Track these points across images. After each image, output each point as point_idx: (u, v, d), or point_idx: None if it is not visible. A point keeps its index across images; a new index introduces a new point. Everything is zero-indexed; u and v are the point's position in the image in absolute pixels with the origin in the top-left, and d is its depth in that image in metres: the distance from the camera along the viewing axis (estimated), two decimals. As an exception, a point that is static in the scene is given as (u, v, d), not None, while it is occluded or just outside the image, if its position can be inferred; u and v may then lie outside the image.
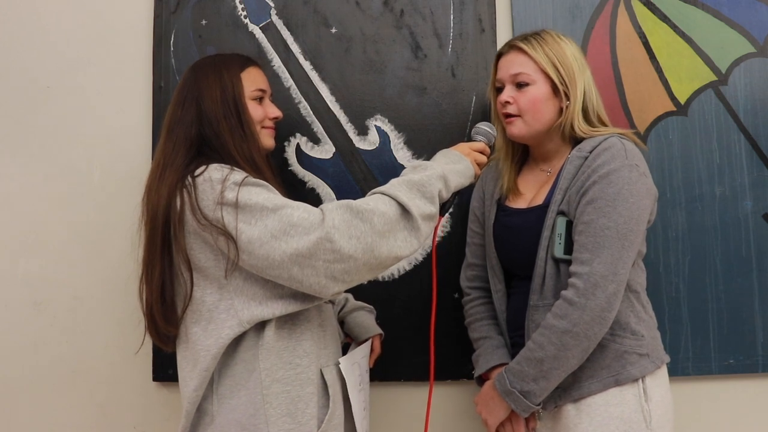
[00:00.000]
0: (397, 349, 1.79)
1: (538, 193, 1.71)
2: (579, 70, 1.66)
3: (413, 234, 1.43)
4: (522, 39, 1.69)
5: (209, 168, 1.47)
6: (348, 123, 2.01)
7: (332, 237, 1.36)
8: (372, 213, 1.39)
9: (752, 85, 2.01)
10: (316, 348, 1.53)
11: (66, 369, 1.98)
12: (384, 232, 1.39)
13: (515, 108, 1.67)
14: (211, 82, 1.57)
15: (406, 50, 2.02)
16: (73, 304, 1.99)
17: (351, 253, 1.37)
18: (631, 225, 1.55)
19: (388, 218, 1.40)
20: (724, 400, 1.97)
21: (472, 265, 1.85)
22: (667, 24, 2.02)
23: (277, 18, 2.03)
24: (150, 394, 1.95)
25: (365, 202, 1.41)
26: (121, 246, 1.95)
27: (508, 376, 1.59)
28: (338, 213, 1.39)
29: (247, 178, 1.45)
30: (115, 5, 2.06)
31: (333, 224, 1.37)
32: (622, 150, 1.60)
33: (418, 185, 1.46)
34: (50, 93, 2.03)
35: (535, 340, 1.57)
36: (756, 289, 1.96)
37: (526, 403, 1.57)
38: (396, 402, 1.97)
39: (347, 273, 1.39)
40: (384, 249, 1.39)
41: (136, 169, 2.00)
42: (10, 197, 2.01)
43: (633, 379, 1.58)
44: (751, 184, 1.98)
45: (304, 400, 1.47)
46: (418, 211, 1.43)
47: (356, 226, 1.38)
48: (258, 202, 1.41)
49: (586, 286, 1.52)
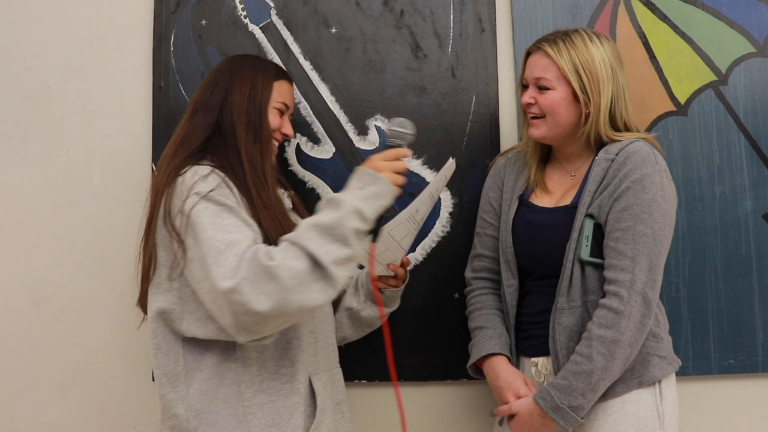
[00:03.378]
0: (397, 349, 1.78)
1: (566, 193, 1.71)
2: (607, 77, 1.63)
3: (328, 283, 1.35)
4: (550, 40, 1.67)
5: (191, 170, 1.47)
6: (348, 123, 2.01)
7: (242, 290, 1.30)
8: (278, 269, 1.31)
9: (752, 85, 2.00)
10: (305, 356, 1.51)
11: (66, 369, 1.98)
12: (294, 287, 1.31)
13: (537, 109, 1.67)
14: (246, 78, 1.61)
15: (406, 50, 2.02)
16: (73, 304, 1.99)
17: (259, 309, 1.30)
18: (665, 231, 1.58)
19: (297, 272, 1.31)
20: (724, 400, 1.97)
21: (480, 256, 1.82)
22: (667, 24, 2.02)
23: (277, 18, 2.03)
24: (150, 394, 1.95)
25: (271, 257, 1.33)
26: (121, 246, 1.95)
27: (554, 393, 1.55)
28: (251, 266, 1.32)
29: (211, 192, 1.42)
30: (115, 5, 2.05)
31: (245, 276, 1.31)
32: (651, 154, 1.61)
33: (328, 230, 1.35)
34: (50, 93, 2.03)
35: (581, 353, 1.55)
36: (756, 289, 1.96)
37: (575, 418, 1.54)
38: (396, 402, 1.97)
39: (256, 325, 1.33)
40: (295, 304, 1.32)
41: (136, 168, 2.00)
42: (9, 197, 2.01)
43: (654, 381, 1.59)
44: (751, 184, 1.98)
45: (289, 410, 1.46)
46: (329, 259, 1.33)
47: (264, 282, 1.30)
48: (202, 224, 1.38)
49: (630, 294, 1.53)
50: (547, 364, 1.66)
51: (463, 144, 2.00)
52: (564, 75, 1.63)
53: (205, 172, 1.47)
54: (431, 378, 1.96)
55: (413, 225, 1.49)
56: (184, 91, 2.00)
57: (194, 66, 2.01)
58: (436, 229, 1.98)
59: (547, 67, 1.65)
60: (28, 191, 2.01)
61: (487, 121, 2.01)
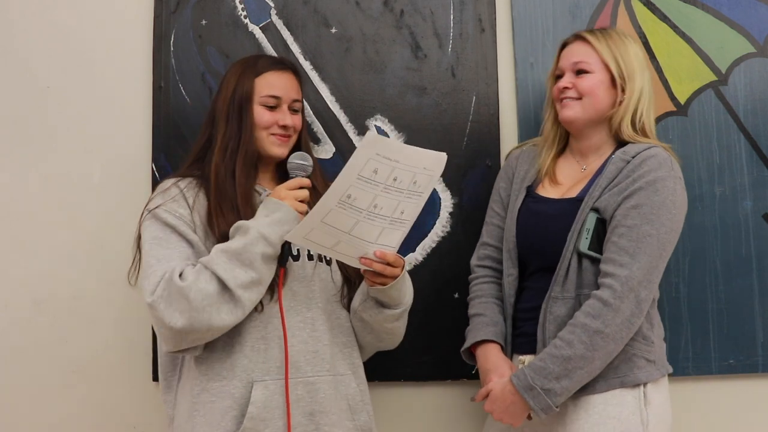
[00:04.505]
0: (397, 349, 1.79)
1: (573, 186, 1.72)
2: (639, 69, 1.71)
3: (237, 305, 1.47)
4: (587, 31, 1.75)
5: (161, 183, 1.64)
6: (348, 123, 2.00)
7: (157, 306, 1.45)
8: (189, 290, 1.44)
9: (752, 85, 2.01)
10: (248, 362, 1.53)
11: (66, 369, 1.98)
12: (203, 308, 1.44)
13: (574, 92, 1.70)
14: (229, 83, 1.66)
15: (406, 50, 2.02)
16: (73, 304, 1.98)
17: (172, 324, 1.44)
18: (671, 236, 1.59)
19: (206, 294, 1.44)
20: (724, 400, 1.97)
21: (485, 244, 1.84)
22: (667, 24, 2.02)
23: (277, 18, 2.03)
24: (150, 394, 1.95)
25: (184, 278, 1.46)
26: (121, 246, 1.94)
27: (528, 372, 1.56)
28: (166, 285, 1.45)
29: (157, 207, 1.55)
30: (115, 5, 2.05)
31: (160, 295, 1.45)
32: (668, 160, 1.63)
33: (236, 254, 1.47)
34: (50, 93, 2.03)
35: (563, 338, 1.55)
36: (756, 289, 1.96)
37: (547, 402, 1.54)
38: (396, 402, 1.97)
39: (173, 339, 1.47)
40: (204, 323, 1.44)
41: (136, 168, 2.00)
42: (9, 197, 2.01)
43: (637, 383, 1.58)
44: (751, 184, 1.98)
45: (221, 413, 1.50)
46: (235, 282, 1.46)
47: (177, 300, 1.44)
48: (144, 238, 1.56)
49: (622, 289, 1.53)
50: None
51: (463, 144, 2.00)
52: (603, 60, 1.70)
53: (166, 186, 1.60)
54: (431, 378, 1.96)
55: (360, 214, 1.41)
56: (184, 91, 2.00)
57: (194, 66, 2.00)
58: (436, 229, 1.98)
59: (587, 53, 1.71)
60: (28, 191, 2.01)
61: (487, 121, 2.01)
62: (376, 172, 1.40)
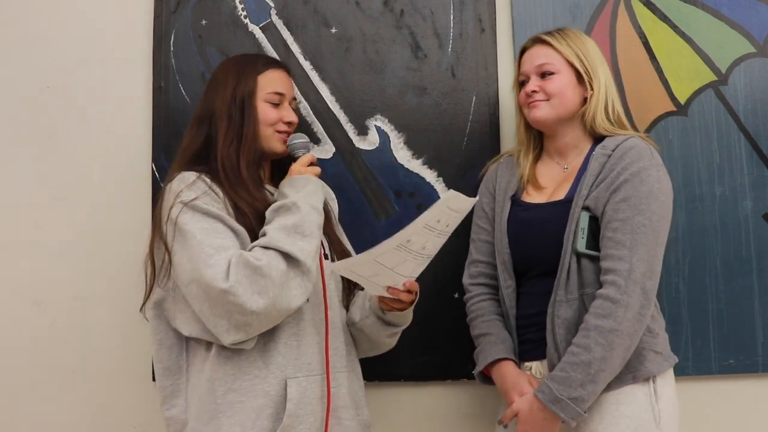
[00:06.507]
0: (397, 349, 1.79)
1: (558, 188, 1.72)
2: (600, 62, 1.74)
3: (306, 278, 1.47)
4: (545, 33, 1.75)
5: (178, 177, 1.54)
6: (348, 123, 2.01)
7: (236, 292, 1.40)
8: (268, 268, 1.42)
9: (752, 85, 2.00)
10: (283, 359, 1.52)
11: (66, 369, 1.98)
12: (282, 284, 1.43)
13: (542, 95, 1.71)
14: (229, 81, 1.64)
15: (406, 50, 2.02)
16: (73, 304, 1.98)
17: (254, 308, 1.41)
18: (663, 223, 1.60)
19: (281, 271, 1.43)
20: (724, 400, 1.97)
21: (476, 262, 1.83)
22: (667, 24, 2.02)
23: (277, 18, 2.03)
24: (150, 394, 1.95)
25: (257, 258, 1.43)
26: (121, 246, 1.95)
27: (552, 385, 1.54)
28: (242, 268, 1.41)
29: (194, 200, 1.49)
30: (115, 5, 2.05)
31: (237, 279, 1.40)
32: (647, 149, 1.64)
33: (294, 228, 1.48)
34: (50, 93, 2.03)
35: (578, 344, 1.54)
36: (756, 289, 1.96)
37: (576, 410, 1.52)
38: (396, 402, 1.97)
39: (249, 326, 1.43)
40: (284, 301, 1.44)
41: (136, 168, 2.00)
42: (10, 197, 2.01)
43: (648, 376, 1.59)
44: (751, 184, 1.98)
45: (256, 412, 1.48)
46: (303, 254, 1.46)
47: (257, 281, 1.41)
48: (189, 230, 1.47)
49: (626, 283, 1.53)
50: (541, 368, 1.66)
51: (463, 144, 2.00)
52: (567, 59, 1.71)
53: (191, 180, 1.53)
54: (431, 378, 1.96)
55: (408, 254, 1.49)
56: (184, 91, 2.00)
57: (194, 66, 2.01)
58: (436, 229, 1.98)
59: (550, 54, 1.72)
60: (28, 191, 2.01)
61: (487, 121, 2.01)
62: (439, 221, 1.48)
